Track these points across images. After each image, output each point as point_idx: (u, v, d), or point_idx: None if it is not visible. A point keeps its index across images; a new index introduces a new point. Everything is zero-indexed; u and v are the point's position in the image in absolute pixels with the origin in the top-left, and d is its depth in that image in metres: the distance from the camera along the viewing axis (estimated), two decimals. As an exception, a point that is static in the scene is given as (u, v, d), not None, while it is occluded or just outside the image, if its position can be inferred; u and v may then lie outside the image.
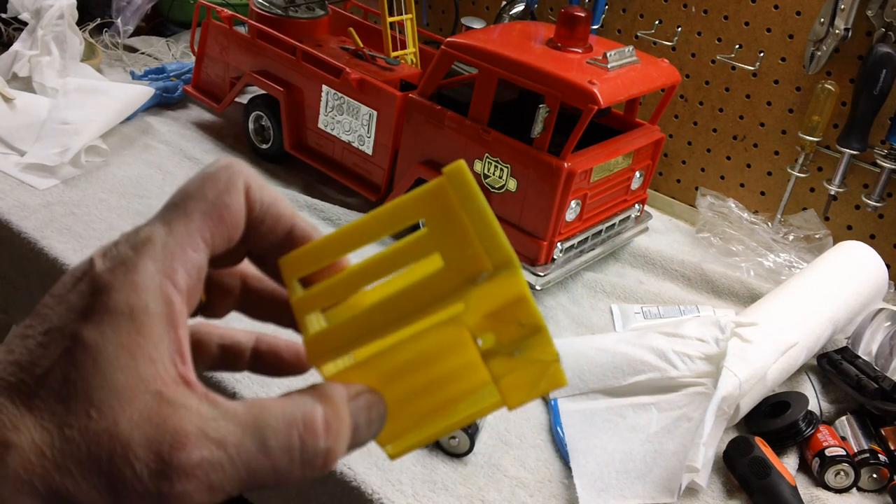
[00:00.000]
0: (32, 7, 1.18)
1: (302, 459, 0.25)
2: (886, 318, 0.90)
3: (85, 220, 0.94)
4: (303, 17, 1.15)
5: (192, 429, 0.24)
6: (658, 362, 0.79)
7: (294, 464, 0.25)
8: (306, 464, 0.25)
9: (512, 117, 0.93)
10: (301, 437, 0.25)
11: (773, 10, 1.09)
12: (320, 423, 0.26)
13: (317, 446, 0.25)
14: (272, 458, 0.25)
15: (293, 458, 0.25)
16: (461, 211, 0.27)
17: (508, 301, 0.27)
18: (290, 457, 0.25)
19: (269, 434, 0.25)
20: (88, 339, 0.24)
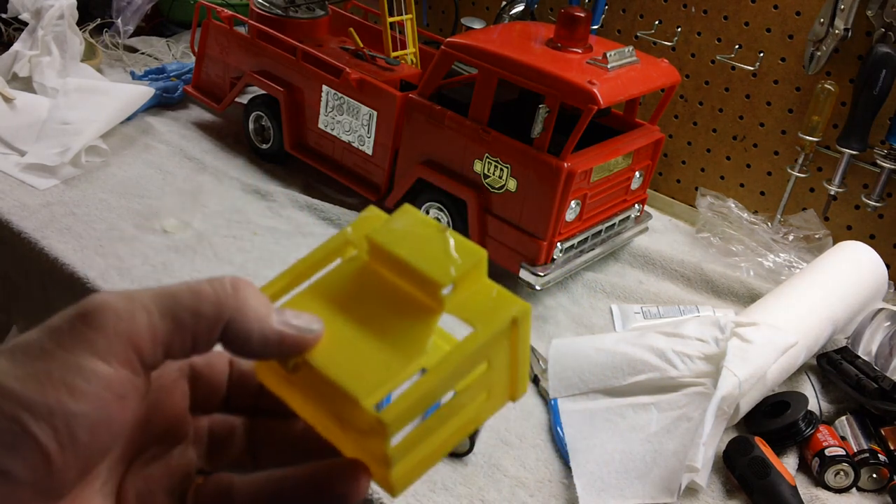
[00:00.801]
0: (33, 7, 1.18)
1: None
2: (886, 317, 0.90)
3: (85, 220, 0.94)
4: (303, 18, 1.15)
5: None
6: (658, 362, 0.79)
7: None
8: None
9: (512, 117, 0.93)
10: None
11: (772, 10, 1.09)
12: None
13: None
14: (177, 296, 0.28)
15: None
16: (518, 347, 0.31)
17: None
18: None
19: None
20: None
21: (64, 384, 0.25)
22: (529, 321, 0.31)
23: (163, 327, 0.27)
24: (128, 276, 0.87)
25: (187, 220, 0.98)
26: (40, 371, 0.26)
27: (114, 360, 0.26)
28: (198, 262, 0.91)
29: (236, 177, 1.09)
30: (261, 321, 0.29)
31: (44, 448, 0.25)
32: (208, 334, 0.28)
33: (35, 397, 0.25)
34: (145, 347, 0.27)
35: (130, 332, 0.27)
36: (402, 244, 0.31)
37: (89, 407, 0.26)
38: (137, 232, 0.94)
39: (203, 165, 1.11)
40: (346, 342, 0.30)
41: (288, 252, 0.96)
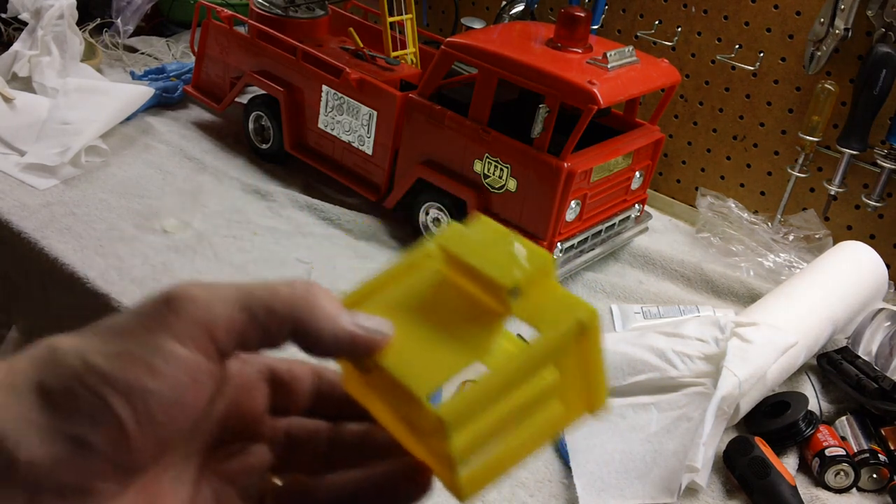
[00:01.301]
0: (32, 7, 1.18)
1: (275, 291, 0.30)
2: (886, 317, 0.90)
3: (85, 220, 0.94)
4: (303, 17, 1.15)
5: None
6: (658, 362, 0.79)
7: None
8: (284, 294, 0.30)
9: (512, 117, 0.93)
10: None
11: (772, 10, 1.09)
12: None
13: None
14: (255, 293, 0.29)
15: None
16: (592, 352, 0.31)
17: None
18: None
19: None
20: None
21: (144, 363, 0.27)
22: (599, 326, 0.31)
23: (238, 319, 0.29)
24: (128, 275, 0.87)
25: (187, 220, 0.98)
26: (123, 350, 0.28)
27: (191, 343, 0.28)
28: (198, 262, 0.91)
29: (236, 177, 1.09)
30: (331, 320, 0.30)
31: (122, 422, 0.27)
32: (279, 329, 0.30)
33: (117, 374, 0.27)
34: (220, 335, 0.29)
35: (207, 320, 0.28)
36: (471, 251, 0.32)
37: (165, 386, 0.27)
38: (137, 232, 0.94)
39: (203, 165, 1.11)
40: (414, 344, 0.31)
41: (288, 252, 0.96)
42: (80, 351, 0.28)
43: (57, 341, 0.29)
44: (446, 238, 0.33)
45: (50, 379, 0.27)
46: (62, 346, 0.28)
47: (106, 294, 0.84)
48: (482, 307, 0.32)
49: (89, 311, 0.86)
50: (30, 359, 0.28)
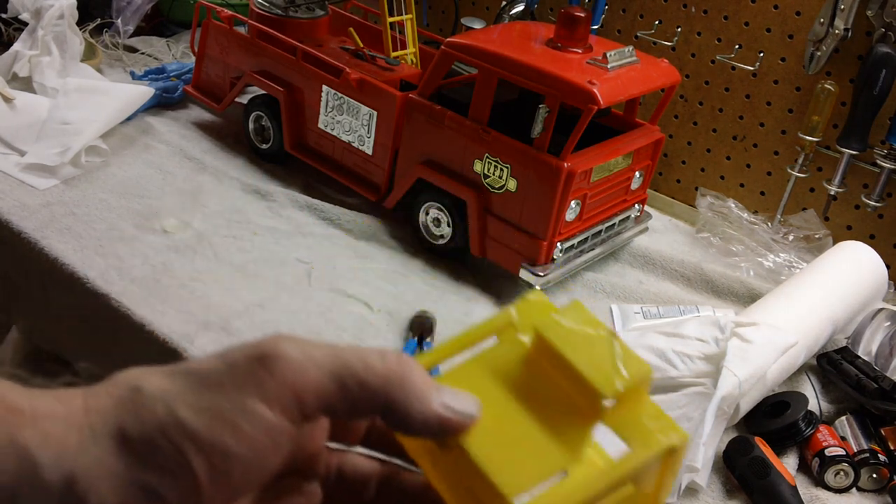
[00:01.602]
0: (32, 7, 1.18)
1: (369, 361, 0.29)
2: (886, 317, 0.90)
3: (85, 220, 0.94)
4: (303, 18, 1.15)
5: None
6: (658, 362, 0.79)
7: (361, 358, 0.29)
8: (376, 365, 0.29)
9: (512, 117, 0.93)
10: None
11: (772, 10, 1.09)
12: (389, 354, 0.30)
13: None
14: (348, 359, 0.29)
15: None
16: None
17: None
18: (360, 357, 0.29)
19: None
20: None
21: (230, 423, 0.27)
22: (685, 452, 0.30)
23: (329, 388, 0.28)
24: (128, 275, 0.87)
25: (187, 220, 0.98)
26: (212, 405, 0.27)
27: (278, 407, 0.28)
28: (198, 262, 0.91)
29: (236, 177, 1.09)
30: (422, 402, 0.29)
31: (198, 478, 0.27)
32: (369, 406, 0.29)
33: (202, 430, 0.27)
34: (308, 401, 0.28)
35: (298, 385, 0.28)
36: (569, 344, 0.31)
37: (247, 449, 0.27)
38: (137, 232, 0.94)
39: (203, 165, 1.11)
40: (500, 429, 0.30)
41: (288, 252, 0.96)
42: (166, 399, 0.27)
43: (142, 380, 0.28)
44: (537, 316, 0.32)
45: (132, 425, 0.27)
46: (148, 387, 0.28)
47: (106, 294, 0.84)
48: (570, 402, 0.31)
49: (89, 311, 0.86)
50: (112, 398, 0.28)
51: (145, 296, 0.84)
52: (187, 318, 0.82)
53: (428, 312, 0.87)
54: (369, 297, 0.90)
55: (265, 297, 0.87)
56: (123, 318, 0.82)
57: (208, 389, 0.28)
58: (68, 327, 0.92)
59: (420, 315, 0.87)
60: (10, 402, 0.27)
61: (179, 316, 0.82)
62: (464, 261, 0.99)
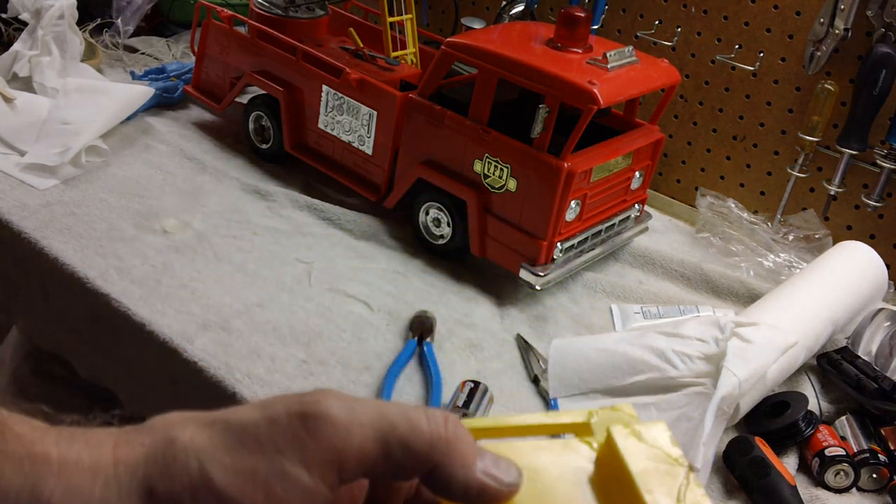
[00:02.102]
0: (32, 7, 1.18)
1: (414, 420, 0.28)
2: (886, 317, 0.90)
3: (85, 220, 0.94)
4: (303, 18, 1.15)
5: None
6: (658, 362, 0.79)
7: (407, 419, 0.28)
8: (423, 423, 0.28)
9: (512, 117, 0.93)
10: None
11: (772, 10, 1.09)
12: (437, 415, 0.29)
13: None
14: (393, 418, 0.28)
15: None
16: None
17: None
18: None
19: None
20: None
21: (265, 487, 0.26)
22: None
23: (372, 452, 0.27)
24: (128, 275, 0.87)
25: (187, 220, 0.98)
26: (248, 467, 0.26)
27: (317, 472, 0.27)
28: (198, 262, 0.91)
29: (236, 177, 1.09)
30: (465, 469, 0.29)
31: None
32: (413, 470, 0.28)
33: (233, 494, 0.26)
34: (350, 467, 0.27)
35: (341, 450, 0.27)
36: (639, 462, 0.30)
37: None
38: (137, 232, 0.94)
39: (203, 165, 1.11)
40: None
41: (288, 252, 0.96)
42: (200, 456, 0.26)
43: (177, 431, 0.27)
44: (618, 423, 0.31)
45: (161, 483, 0.26)
46: (182, 440, 0.27)
47: (106, 294, 0.84)
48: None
49: (89, 311, 0.86)
50: (144, 449, 0.27)
51: (145, 296, 0.84)
52: (187, 318, 0.82)
53: (428, 312, 0.87)
54: (369, 297, 0.90)
55: (265, 296, 0.87)
56: (123, 318, 0.82)
57: (245, 448, 0.27)
58: (68, 327, 0.92)
59: (420, 315, 0.87)
60: (38, 450, 0.26)
61: (179, 316, 0.82)
62: (464, 261, 0.99)
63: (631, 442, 0.31)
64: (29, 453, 0.26)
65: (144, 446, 0.27)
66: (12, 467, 0.26)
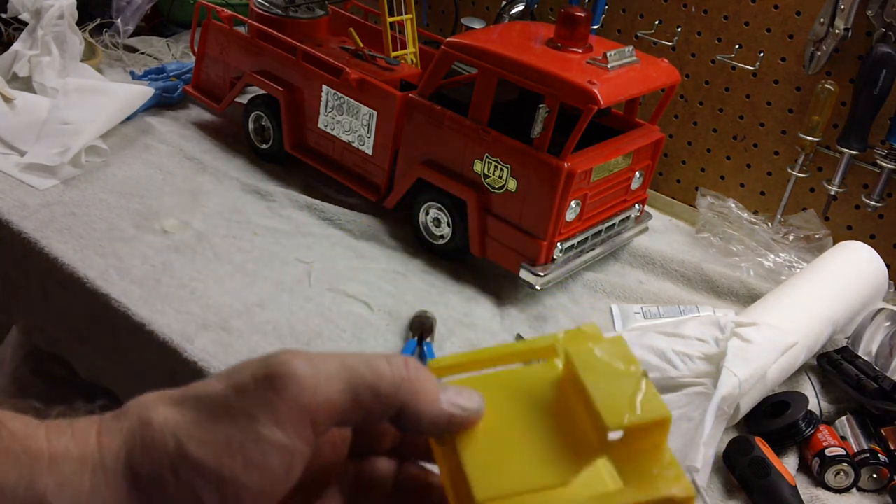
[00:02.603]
0: (32, 7, 1.18)
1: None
2: (886, 317, 0.90)
3: (85, 220, 0.94)
4: (303, 18, 1.15)
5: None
6: (658, 362, 0.79)
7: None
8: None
9: (512, 117, 0.93)
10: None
11: (772, 10, 1.09)
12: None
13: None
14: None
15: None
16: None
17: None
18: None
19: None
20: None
21: (242, 454, 0.27)
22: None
23: (341, 401, 0.28)
24: (128, 275, 0.87)
25: (187, 220, 0.98)
26: (222, 437, 0.27)
27: (291, 430, 0.27)
28: (198, 262, 0.91)
29: (236, 177, 1.09)
30: (431, 403, 0.30)
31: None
32: (382, 413, 0.29)
33: (211, 465, 0.26)
34: (322, 419, 0.28)
35: (311, 404, 0.28)
36: (593, 372, 0.31)
37: (259, 479, 0.27)
38: (137, 232, 0.94)
39: (203, 165, 1.11)
40: (499, 437, 0.31)
41: (288, 252, 0.96)
42: (176, 433, 0.27)
43: (151, 412, 0.28)
44: (578, 345, 0.32)
45: (142, 464, 0.27)
46: (157, 420, 0.27)
47: (106, 294, 0.84)
48: (580, 432, 0.31)
49: (89, 311, 0.86)
50: (122, 435, 0.27)
51: (145, 296, 0.84)
52: (187, 318, 0.82)
53: (428, 312, 0.87)
54: (369, 297, 0.90)
55: (265, 297, 0.87)
56: (123, 318, 0.82)
57: (218, 419, 0.27)
58: (68, 327, 0.92)
59: (420, 315, 0.87)
60: (32, 446, 0.27)
61: (179, 316, 0.82)
62: (464, 261, 0.99)
63: (589, 358, 0.31)
64: (24, 449, 0.27)
65: (123, 431, 0.27)
66: (9, 464, 0.26)
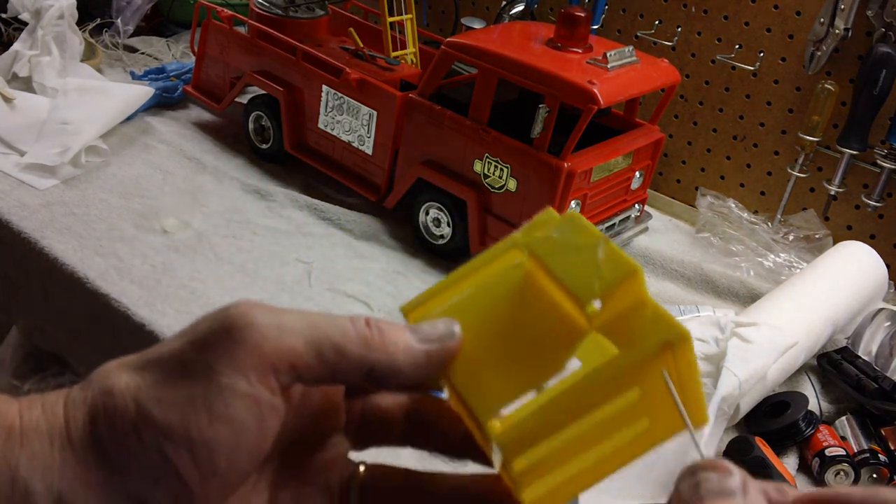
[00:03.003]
0: (32, 7, 1.18)
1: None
2: (886, 317, 0.90)
3: (85, 221, 0.94)
4: (303, 17, 1.15)
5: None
6: (658, 362, 0.79)
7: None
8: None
9: (512, 117, 0.93)
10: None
11: (772, 10, 1.09)
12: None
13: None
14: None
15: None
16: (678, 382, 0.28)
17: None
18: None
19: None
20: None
21: (206, 408, 0.26)
22: (690, 347, 0.28)
23: (304, 355, 0.27)
24: (128, 276, 0.87)
25: (187, 220, 0.98)
26: (182, 395, 0.26)
27: (254, 377, 0.26)
28: (198, 262, 0.91)
29: (236, 177, 1.09)
30: (406, 351, 0.29)
31: (185, 480, 0.25)
32: (352, 372, 0.28)
33: (176, 425, 0.25)
34: (284, 370, 0.27)
35: (273, 354, 0.26)
36: (557, 256, 0.30)
37: (228, 432, 0.26)
38: (137, 232, 0.94)
39: (203, 165, 1.11)
40: (487, 355, 0.30)
41: (288, 252, 0.96)
42: (135, 397, 0.26)
43: (112, 379, 0.27)
44: (535, 234, 0.31)
45: (106, 433, 0.26)
46: (118, 387, 0.27)
47: (106, 294, 0.84)
48: (564, 317, 0.30)
49: (89, 311, 0.86)
50: (86, 405, 0.27)
51: (145, 296, 0.84)
52: (187, 318, 0.82)
53: (428, 312, 0.87)
54: (369, 297, 0.90)
55: (265, 297, 0.87)
56: (123, 318, 0.82)
57: (179, 378, 0.26)
58: (68, 327, 0.92)
59: (420, 315, 0.87)
60: (6, 423, 0.26)
61: (179, 316, 0.82)
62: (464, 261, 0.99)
63: (549, 244, 0.31)
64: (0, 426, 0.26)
65: (87, 402, 0.27)
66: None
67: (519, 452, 0.27)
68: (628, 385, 0.28)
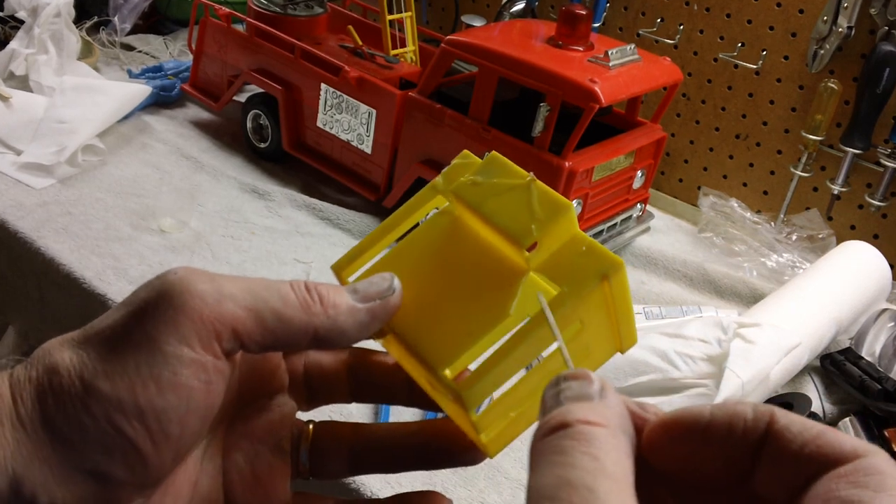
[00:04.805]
0: (29, 5, 1.18)
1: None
2: (890, 318, 0.90)
3: (81, 220, 0.94)
4: (301, 15, 1.15)
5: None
6: (660, 363, 0.79)
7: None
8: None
9: (513, 116, 0.92)
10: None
11: (775, 7, 1.09)
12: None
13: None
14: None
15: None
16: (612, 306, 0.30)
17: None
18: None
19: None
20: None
21: (153, 378, 0.26)
22: (624, 276, 0.29)
23: (246, 321, 0.27)
24: (124, 276, 0.86)
25: (184, 219, 0.97)
26: (128, 366, 0.26)
27: (197, 344, 0.26)
28: (195, 262, 0.90)
29: (234, 176, 1.08)
30: (348, 312, 0.29)
31: (139, 449, 0.26)
32: (294, 338, 0.28)
33: (125, 397, 0.26)
34: (226, 335, 0.27)
35: (214, 319, 0.27)
36: (486, 199, 0.30)
37: (177, 399, 0.26)
38: (134, 231, 0.94)
39: (200, 164, 1.10)
40: (429, 304, 0.30)
41: (286, 252, 0.95)
42: (80, 374, 0.26)
43: (55, 357, 0.27)
44: (461, 177, 0.31)
45: (56, 412, 0.26)
46: (62, 365, 0.26)
47: (103, 294, 0.83)
48: (500, 259, 0.30)
49: (86, 311, 0.86)
50: (31, 384, 0.26)
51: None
52: (184, 319, 0.81)
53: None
54: (368, 298, 0.89)
55: (263, 297, 0.87)
56: (120, 319, 0.81)
57: (123, 350, 0.26)
58: (65, 327, 0.91)
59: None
60: None
61: (176, 317, 0.81)
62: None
63: (475, 188, 0.31)
64: None
65: (32, 381, 0.27)
66: None
67: (479, 399, 0.28)
68: (571, 321, 0.29)
